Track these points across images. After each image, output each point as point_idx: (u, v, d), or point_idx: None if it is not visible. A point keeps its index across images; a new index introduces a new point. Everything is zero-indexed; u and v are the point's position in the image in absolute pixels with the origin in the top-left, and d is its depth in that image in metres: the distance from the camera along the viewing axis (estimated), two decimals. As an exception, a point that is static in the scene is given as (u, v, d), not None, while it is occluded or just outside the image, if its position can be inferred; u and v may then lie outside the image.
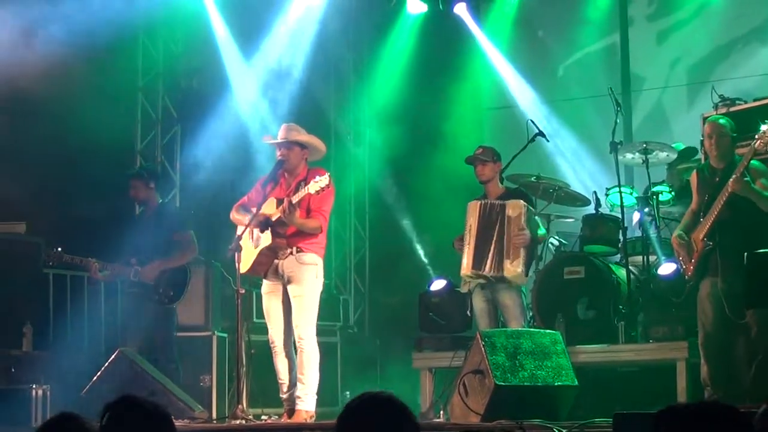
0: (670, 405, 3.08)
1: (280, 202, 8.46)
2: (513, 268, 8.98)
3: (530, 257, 9.20)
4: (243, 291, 8.75)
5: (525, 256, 9.04)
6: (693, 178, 8.35)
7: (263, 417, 9.34)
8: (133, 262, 9.72)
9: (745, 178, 7.76)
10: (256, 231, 8.54)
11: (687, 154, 10.28)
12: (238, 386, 8.72)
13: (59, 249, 9.76)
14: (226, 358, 10.48)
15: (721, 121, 8.19)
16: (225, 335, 10.55)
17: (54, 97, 10.58)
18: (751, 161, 7.84)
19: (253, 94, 12.77)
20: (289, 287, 8.53)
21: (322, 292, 8.69)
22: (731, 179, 7.76)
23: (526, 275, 9.12)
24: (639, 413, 5.88)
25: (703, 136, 8.31)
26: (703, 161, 8.97)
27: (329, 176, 8.15)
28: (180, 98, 12.49)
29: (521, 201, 9.11)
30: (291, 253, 8.51)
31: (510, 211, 9.05)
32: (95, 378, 8.87)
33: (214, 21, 12.59)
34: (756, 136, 7.80)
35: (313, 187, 8.07)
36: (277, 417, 9.17)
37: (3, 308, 10.25)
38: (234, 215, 8.82)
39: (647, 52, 13.06)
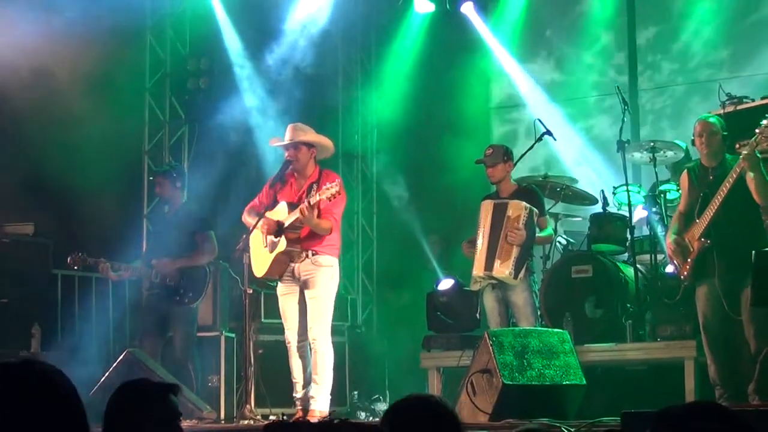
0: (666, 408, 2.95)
1: (292, 206, 8.45)
2: (502, 269, 8.85)
3: (522, 259, 8.91)
4: (251, 291, 8.78)
5: (517, 257, 8.84)
6: (683, 178, 8.28)
7: (271, 417, 9.33)
8: (153, 263, 9.73)
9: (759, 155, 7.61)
10: (270, 236, 8.53)
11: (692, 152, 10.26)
12: (246, 386, 8.73)
13: (80, 253, 9.77)
14: (234, 358, 10.47)
15: (712, 119, 8.13)
16: (233, 335, 10.54)
17: (61, 97, 10.57)
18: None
19: (261, 94, 12.76)
20: (305, 289, 8.54)
21: (336, 293, 8.70)
22: (744, 152, 7.60)
23: (515, 278, 8.85)
24: (647, 412, 5.87)
25: (693, 135, 8.22)
26: None
27: (340, 182, 8.11)
28: (187, 99, 12.49)
29: (524, 203, 8.95)
30: (307, 256, 8.51)
31: (510, 212, 8.93)
32: (103, 378, 8.88)
33: (222, 21, 12.59)
34: (757, 131, 7.62)
35: (324, 194, 8.06)
36: (286, 417, 9.15)
37: (11, 309, 10.27)
38: (245, 218, 8.82)
39: (655, 51, 13.03)
